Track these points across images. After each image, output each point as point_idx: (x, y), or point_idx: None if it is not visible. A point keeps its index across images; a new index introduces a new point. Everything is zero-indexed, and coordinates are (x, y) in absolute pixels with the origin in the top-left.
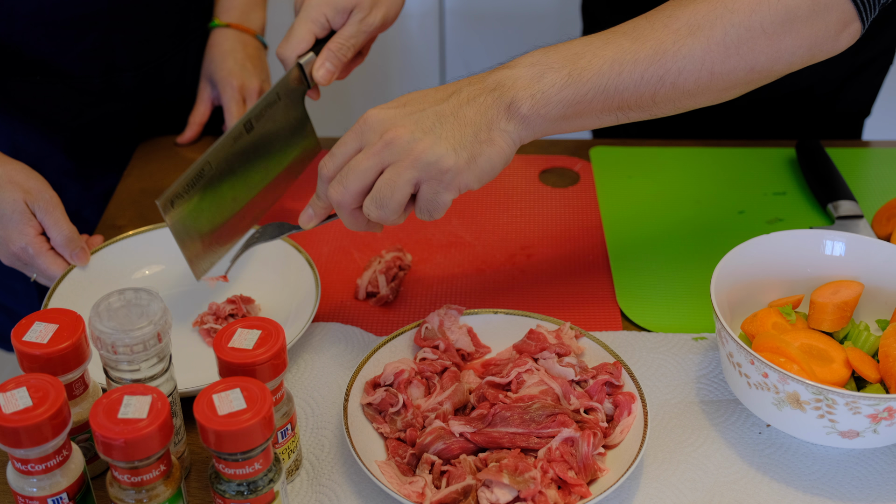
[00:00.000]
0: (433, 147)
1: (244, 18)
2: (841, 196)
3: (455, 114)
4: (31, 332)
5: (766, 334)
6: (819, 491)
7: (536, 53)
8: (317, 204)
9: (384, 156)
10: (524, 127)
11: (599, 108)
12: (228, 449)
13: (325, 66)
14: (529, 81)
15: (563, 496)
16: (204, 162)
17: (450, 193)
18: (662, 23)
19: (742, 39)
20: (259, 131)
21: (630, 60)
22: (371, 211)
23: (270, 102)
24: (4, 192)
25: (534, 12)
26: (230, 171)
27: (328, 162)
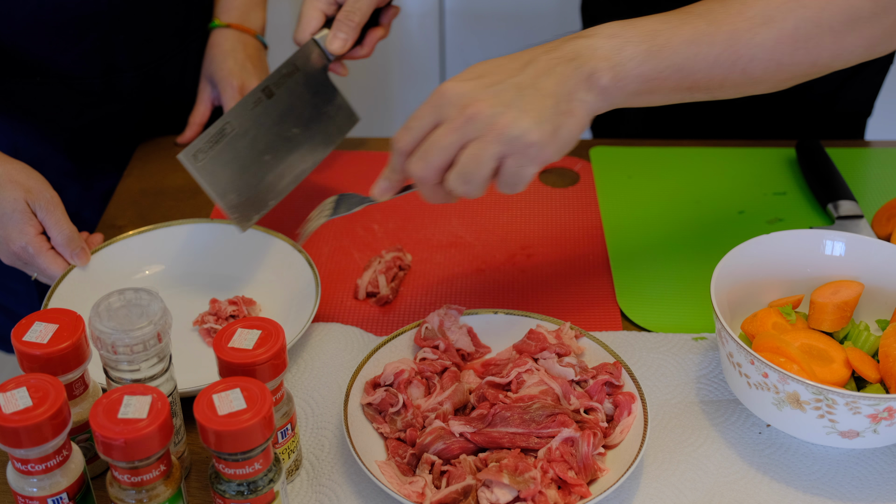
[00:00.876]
0: (517, 121)
1: (244, 19)
2: (841, 196)
3: (534, 85)
4: (31, 332)
5: (766, 334)
6: (819, 491)
7: (613, 26)
8: (392, 176)
9: (466, 130)
10: (602, 98)
11: (672, 87)
12: (228, 449)
13: (337, 35)
14: (609, 53)
15: (563, 496)
16: (224, 122)
17: (534, 167)
18: (736, 9)
19: (811, 34)
20: (280, 98)
21: (706, 42)
22: (456, 186)
23: (288, 73)
24: (5, 191)
25: (534, 12)
26: (255, 131)
27: (404, 135)
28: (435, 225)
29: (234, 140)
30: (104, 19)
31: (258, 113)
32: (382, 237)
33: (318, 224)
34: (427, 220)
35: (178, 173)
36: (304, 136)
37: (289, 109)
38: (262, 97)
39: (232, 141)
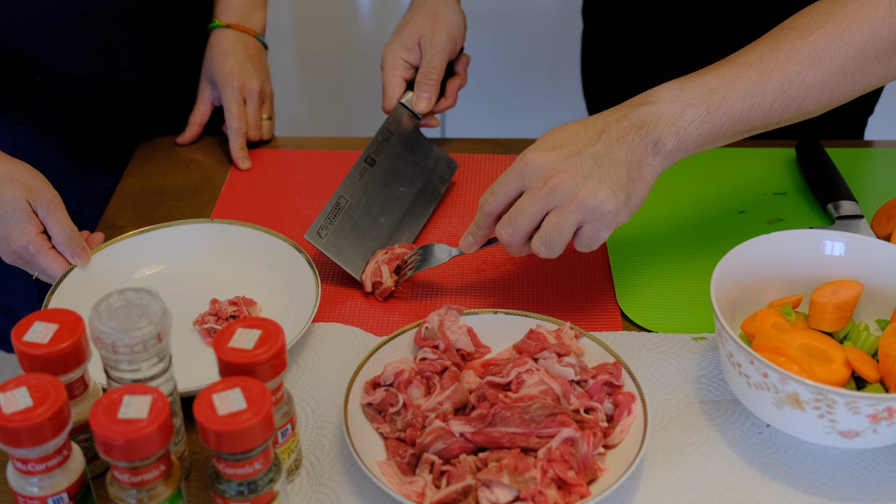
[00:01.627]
0: (595, 192)
1: (244, 19)
2: (841, 196)
3: (608, 155)
4: (32, 332)
5: (766, 334)
6: (819, 491)
7: (673, 88)
8: (477, 233)
9: (549, 200)
10: (668, 160)
11: (731, 133)
12: (228, 449)
13: (421, 96)
14: (672, 118)
15: (563, 496)
16: (338, 196)
17: (608, 231)
18: (785, 54)
19: (858, 67)
20: (382, 163)
21: (760, 92)
22: (540, 250)
23: (385, 139)
24: (6, 190)
25: (534, 12)
26: (366, 199)
27: (490, 199)
28: (435, 225)
29: (349, 211)
30: (104, 19)
31: (366, 182)
32: None
33: (411, 274)
34: (427, 220)
35: (178, 173)
36: (412, 193)
37: (393, 172)
38: (366, 167)
39: (348, 212)
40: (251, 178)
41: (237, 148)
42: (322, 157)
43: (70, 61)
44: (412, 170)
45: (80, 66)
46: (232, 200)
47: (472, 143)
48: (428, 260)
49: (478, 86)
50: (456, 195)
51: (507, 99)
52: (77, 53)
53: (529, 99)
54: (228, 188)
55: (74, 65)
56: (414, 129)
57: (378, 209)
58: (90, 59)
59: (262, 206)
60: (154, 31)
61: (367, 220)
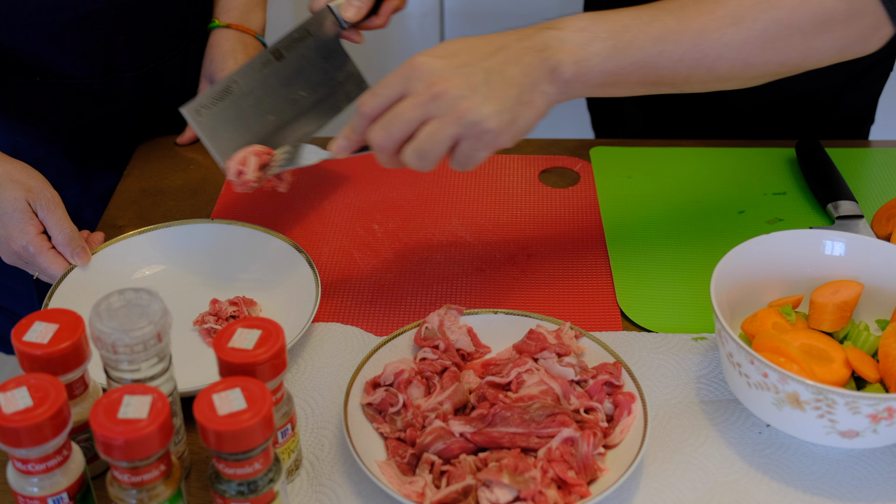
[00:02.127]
0: (479, 107)
1: (244, 19)
2: (841, 196)
3: (502, 72)
4: (32, 332)
5: (766, 334)
6: (819, 491)
7: (585, 18)
8: (352, 136)
9: (430, 108)
10: (563, 90)
11: (635, 81)
12: (228, 449)
13: (352, 3)
14: (576, 47)
15: (563, 496)
16: (231, 80)
17: (487, 152)
18: (708, 7)
19: (780, 35)
20: (289, 61)
21: (673, 40)
22: (411, 160)
23: (300, 37)
24: (6, 190)
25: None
26: (260, 92)
27: (369, 100)
28: (435, 225)
29: (238, 98)
30: (104, 20)
31: (266, 74)
32: (382, 237)
33: (276, 172)
34: (427, 220)
35: (178, 173)
36: (311, 101)
37: (297, 73)
38: (270, 59)
39: (236, 99)
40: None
41: None
42: None
43: (70, 62)
44: (319, 77)
45: (79, 67)
46: (232, 200)
47: None
48: (295, 159)
49: None
50: (456, 195)
51: None
52: (76, 54)
53: None
54: (228, 188)
55: (74, 65)
56: (334, 36)
57: (270, 106)
58: (90, 60)
59: (262, 206)
60: (153, 32)
61: (255, 114)
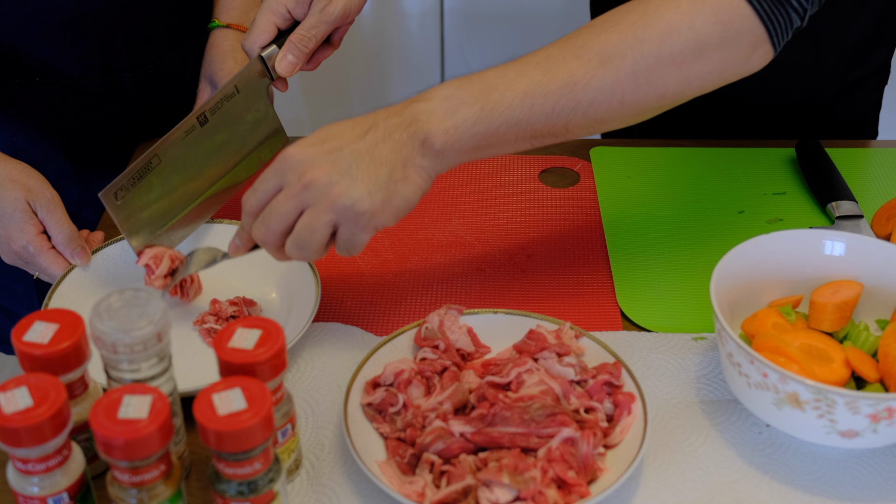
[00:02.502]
0: (349, 191)
1: (244, 19)
2: (841, 196)
3: (371, 153)
4: (32, 332)
5: (766, 334)
6: (819, 491)
7: (451, 85)
8: (242, 236)
9: (303, 198)
10: (438, 161)
11: (512, 139)
12: (228, 449)
13: (286, 57)
14: (443, 116)
15: (563, 496)
16: (151, 155)
17: (367, 234)
18: (574, 53)
19: (652, 69)
20: (215, 124)
21: (542, 93)
22: (293, 252)
23: (228, 96)
24: (5, 190)
25: (534, 12)
26: (180, 164)
27: (250, 197)
28: (435, 225)
29: (157, 175)
30: (103, 20)
31: (189, 143)
32: (382, 237)
33: (178, 279)
34: (427, 220)
35: None
36: (230, 164)
37: (219, 137)
38: (195, 125)
39: (155, 176)
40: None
41: None
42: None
43: (69, 62)
44: (241, 140)
45: (78, 67)
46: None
47: None
48: (190, 265)
49: None
50: (456, 195)
51: None
52: (76, 54)
53: None
54: None
55: (73, 65)
56: (262, 89)
57: (189, 175)
58: (89, 60)
59: None
60: (153, 32)
61: (171, 187)
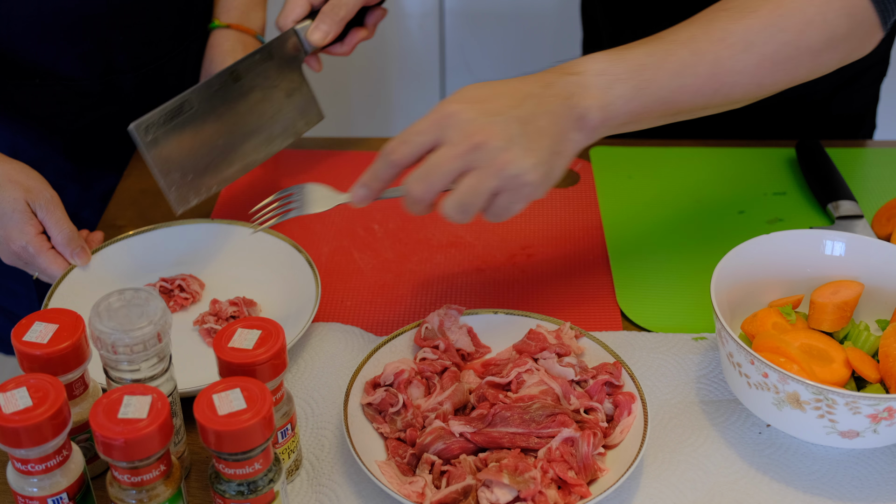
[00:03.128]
0: (519, 160)
1: (244, 19)
2: (841, 196)
3: (533, 122)
4: (31, 332)
5: (766, 334)
6: (819, 491)
7: (599, 60)
8: (374, 185)
9: (470, 159)
10: (590, 136)
11: (658, 116)
12: (228, 449)
13: (319, 27)
14: (599, 92)
15: (563, 496)
16: (183, 99)
17: (522, 204)
18: (718, 36)
19: (790, 57)
20: (248, 84)
21: (691, 74)
22: (452, 213)
23: (262, 59)
24: (5, 190)
25: (533, 12)
26: (213, 113)
27: (401, 147)
28: (435, 225)
29: (189, 119)
30: (104, 21)
31: (221, 95)
32: (382, 237)
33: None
34: (427, 220)
35: None
36: (264, 126)
37: (253, 96)
38: (228, 80)
39: (187, 120)
40: (251, 179)
41: None
42: (322, 157)
43: (69, 63)
44: (275, 102)
45: (79, 68)
46: (232, 200)
47: None
48: (306, 205)
49: None
50: None
51: None
52: (76, 55)
53: None
54: (228, 188)
55: (73, 66)
56: (296, 60)
57: (220, 129)
58: (89, 61)
59: None
60: (153, 33)
61: (204, 137)
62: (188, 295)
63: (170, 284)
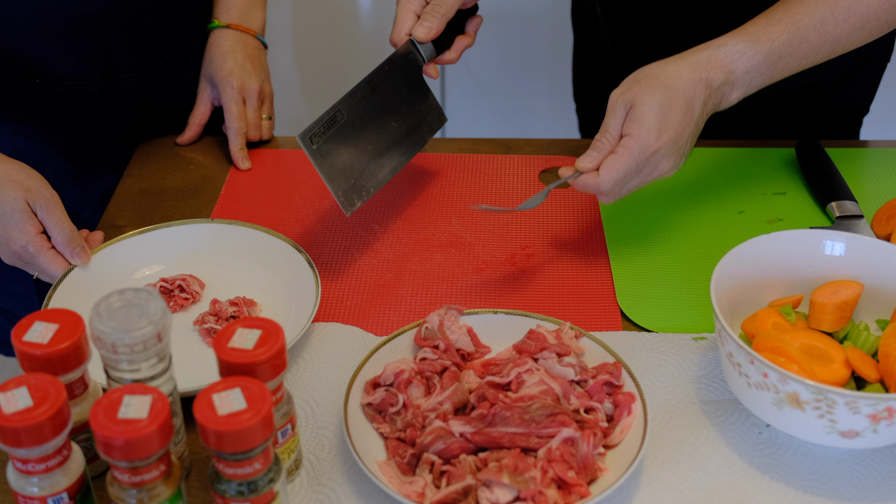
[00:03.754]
0: (669, 167)
1: (244, 19)
2: (841, 196)
3: (698, 125)
4: (32, 332)
5: (766, 334)
6: (819, 491)
7: (749, 57)
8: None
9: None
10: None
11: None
12: (228, 449)
13: (423, 24)
14: (742, 89)
15: (563, 496)
16: (335, 109)
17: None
18: (843, 17)
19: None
20: (383, 92)
21: (815, 56)
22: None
23: (390, 70)
24: (5, 190)
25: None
26: (361, 121)
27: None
28: (435, 225)
29: (344, 127)
30: (103, 21)
31: (364, 105)
32: (382, 237)
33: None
34: (427, 220)
35: (178, 173)
36: (402, 131)
37: (390, 104)
38: (367, 90)
39: (342, 128)
40: (251, 178)
41: (237, 148)
42: None
43: (69, 63)
44: (406, 109)
45: (79, 68)
46: (232, 200)
47: (472, 143)
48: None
49: (478, 86)
50: (456, 195)
51: (507, 99)
52: (76, 55)
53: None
54: (228, 188)
55: (73, 66)
56: (416, 69)
57: (369, 135)
58: (89, 61)
59: (262, 206)
60: (153, 32)
61: (358, 143)
62: (188, 295)
63: (170, 284)
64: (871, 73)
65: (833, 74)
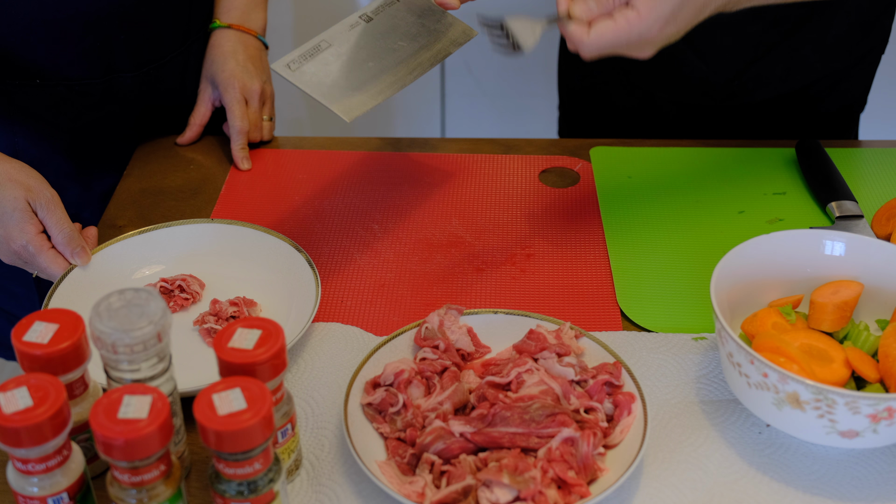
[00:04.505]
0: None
1: (245, 19)
2: (841, 196)
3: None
4: (32, 332)
5: (766, 334)
6: (819, 491)
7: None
8: None
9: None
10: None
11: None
12: (228, 449)
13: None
14: None
15: (563, 496)
16: (319, 40)
17: None
18: None
19: None
20: (381, 21)
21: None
22: (590, 55)
23: (389, 4)
24: (5, 190)
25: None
26: (355, 45)
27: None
28: (435, 225)
29: (331, 53)
30: (104, 20)
31: (356, 33)
32: (382, 237)
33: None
34: (427, 220)
35: (178, 173)
36: (412, 49)
37: (391, 28)
38: (359, 21)
39: (329, 53)
40: (251, 179)
41: (238, 148)
42: (322, 157)
43: (69, 62)
44: (416, 29)
45: (79, 67)
46: (232, 200)
47: (472, 143)
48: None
49: (478, 86)
50: (456, 195)
51: (507, 99)
52: (76, 54)
53: (529, 99)
54: (228, 188)
55: (74, 66)
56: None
57: (367, 55)
58: (90, 61)
59: (262, 206)
60: (154, 32)
61: (352, 63)
62: (188, 295)
63: (170, 284)
64: (867, 66)
65: (832, 70)
